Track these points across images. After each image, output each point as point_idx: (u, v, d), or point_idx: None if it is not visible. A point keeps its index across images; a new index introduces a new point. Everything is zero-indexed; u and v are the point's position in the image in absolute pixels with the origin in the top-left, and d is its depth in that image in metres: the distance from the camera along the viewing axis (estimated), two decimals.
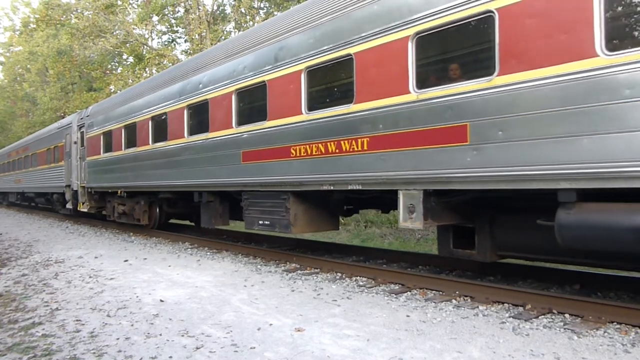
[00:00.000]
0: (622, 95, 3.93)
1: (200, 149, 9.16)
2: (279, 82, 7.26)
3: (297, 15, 7.27)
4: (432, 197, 5.54)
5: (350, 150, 6.22)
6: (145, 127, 11.29)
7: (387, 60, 5.73)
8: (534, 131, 4.46)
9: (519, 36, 4.56)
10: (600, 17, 4.04)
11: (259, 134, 7.67)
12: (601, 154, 4.06)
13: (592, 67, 4.09)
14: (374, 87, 5.91)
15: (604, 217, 4.20)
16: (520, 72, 4.55)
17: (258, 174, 7.76)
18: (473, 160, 4.92)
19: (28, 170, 22.96)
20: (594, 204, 4.34)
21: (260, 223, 7.85)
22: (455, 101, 5.05)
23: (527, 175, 4.55)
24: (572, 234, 4.39)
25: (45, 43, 36.65)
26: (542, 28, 4.41)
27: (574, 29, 4.19)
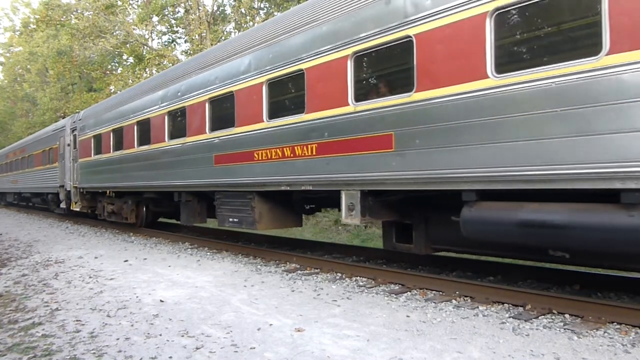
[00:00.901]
0: (507, 111, 4.67)
1: (178, 153, 9.94)
2: (245, 93, 7.97)
3: (260, 32, 8.02)
4: (369, 197, 6.26)
5: (303, 155, 6.93)
6: (131, 131, 12.06)
7: (331, 76, 6.48)
8: (441, 140, 5.22)
9: (431, 59, 5.33)
10: (491, 45, 4.82)
11: (229, 139, 8.40)
12: (494, 161, 4.78)
13: (484, 87, 4.84)
14: (321, 99, 6.63)
15: (495, 214, 4.92)
16: (431, 90, 5.31)
17: (228, 176, 8.47)
18: (397, 164, 5.67)
19: (25, 171, 23.63)
20: (489, 202, 5.04)
21: (231, 220, 8.56)
22: (384, 113, 5.81)
23: (437, 178, 5.29)
24: (472, 228, 5.11)
25: (45, 43, 36.67)
26: (447, 52, 5.17)
27: (470, 54, 4.96)
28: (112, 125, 13.26)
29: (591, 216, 4.27)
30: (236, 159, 8.23)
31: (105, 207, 14.47)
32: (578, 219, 4.32)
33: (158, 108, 10.74)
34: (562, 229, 4.40)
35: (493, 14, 4.79)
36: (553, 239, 4.59)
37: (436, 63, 5.26)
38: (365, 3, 6.04)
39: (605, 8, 4.11)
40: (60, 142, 17.77)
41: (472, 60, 4.92)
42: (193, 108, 9.39)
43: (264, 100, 7.59)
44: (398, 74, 5.91)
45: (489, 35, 4.82)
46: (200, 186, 9.37)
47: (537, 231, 4.57)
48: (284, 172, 7.25)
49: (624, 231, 4.04)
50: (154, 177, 10.94)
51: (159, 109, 10.68)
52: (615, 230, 4.10)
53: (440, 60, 5.22)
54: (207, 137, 8.96)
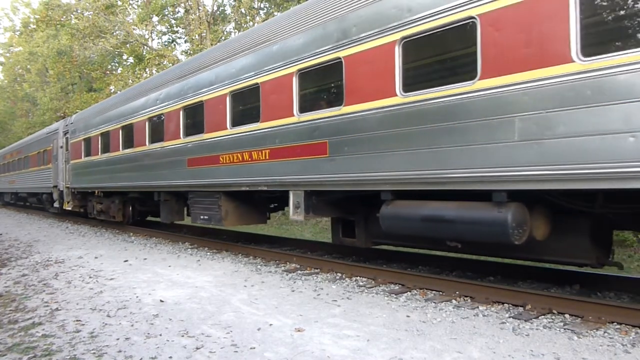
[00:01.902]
0: (413, 124, 5.50)
1: (158, 156, 10.79)
2: (213, 102, 8.79)
3: (225, 48, 8.92)
4: (313, 196, 7.07)
5: (259, 159, 7.72)
6: (117, 135, 12.94)
7: (281, 89, 7.25)
8: (364, 147, 6.00)
9: (357, 78, 6.11)
10: (399, 68, 5.64)
11: (199, 144, 9.25)
12: (405, 165, 5.56)
13: (395, 103, 5.66)
14: (273, 110, 7.42)
15: (405, 211, 5.73)
16: (356, 104, 6.09)
17: (198, 178, 9.30)
18: (331, 168, 6.45)
19: (21, 172, 24.42)
20: (402, 201, 5.85)
21: (202, 218, 9.39)
22: (320, 123, 6.61)
23: (362, 181, 6.08)
24: (388, 223, 5.93)
25: (45, 43, 36.64)
26: (368, 73, 5.96)
27: (384, 75, 5.75)
28: (100, 129, 14.12)
29: (472, 212, 5.10)
30: (205, 162, 9.05)
31: (95, 206, 15.25)
32: (464, 214, 5.15)
33: (140, 114, 11.60)
34: (453, 222, 5.22)
35: (401, 42, 5.61)
36: (447, 231, 5.36)
37: (360, 81, 6.08)
38: (307, 27, 6.89)
39: (479, 41, 4.90)
40: (53, 144, 18.54)
41: (386, 80, 5.74)
42: (170, 115, 10.25)
43: (227, 110, 8.43)
44: (332, 89, 6.69)
45: (397, 60, 5.65)
46: (176, 186, 10.20)
47: (436, 225, 5.41)
48: (245, 174, 8.06)
49: (495, 224, 4.84)
50: (137, 178, 11.76)
51: (141, 114, 11.53)
52: (489, 223, 4.91)
53: (363, 79, 6.05)
54: (182, 141, 9.83)
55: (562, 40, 4.26)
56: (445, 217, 5.28)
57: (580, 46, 4.18)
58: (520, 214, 4.81)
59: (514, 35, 4.61)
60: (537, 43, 4.44)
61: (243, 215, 8.97)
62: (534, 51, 4.47)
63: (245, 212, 8.99)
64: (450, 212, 5.25)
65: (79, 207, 16.62)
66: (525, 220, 4.85)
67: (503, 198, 4.85)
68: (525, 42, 4.52)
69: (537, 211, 5.05)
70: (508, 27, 4.65)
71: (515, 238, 4.76)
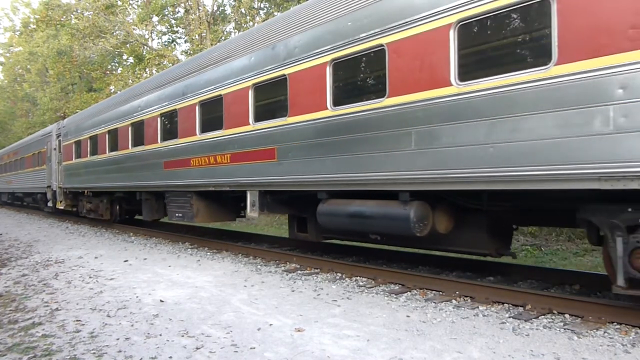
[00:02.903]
0: (340, 133, 6.33)
1: (139, 158, 11.69)
2: (185, 111, 9.72)
3: (195, 61, 9.94)
4: (267, 195, 7.93)
5: (222, 162, 8.54)
6: (103, 139, 13.89)
7: (240, 100, 8.11)
8: (304, 153, 6.85)
9: (298, 92, 6.99)
10: (330, 86, 6.50)
11: (173, 148, 10.18)
12: (336, 169, 6.38)
13: (326, 115, 6.53)
14: (233, 118, 8.30)
15: (336, 208, 6.63)
16: (297, 116, 6.97)
17: (173, 179, 10.19)
18: (279, 171, 7.30)
19: (18, 172, 25.28)
20: (333, 199, 6.74)
21: (176, 215, 10.30)
22: (270, 132, 7.48)
23: (303, 182, 6.95)
24: (324, 219, 6.83)
25: (45, 43, 36.62)
26: (307, 89, 6.82)
27: (318, 91, 6.60)
28: (89, 132, 15.09)
29: (385, 209, 5.95)
30: (179, 164, 9.99)
31: (85, 205, 16.24)
32: (378, 211, 6.02)
33: (124, 119, 12.57)
34: (371, 218, 6.09)
35: (331, 63, 6.48)
36: (368, 226, 6.23)
37: (301, 96, 6.93)
38: (260, 47, 7.78)
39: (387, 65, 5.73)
40: (47, 146, 19.46)
41: (320, 95, 6.58)
42: (149, 121, 11.22)
43: (197, 117, 9.34)
44: (279, 102, 7.41)
45: (328, 78, 6.49)
46: (155, 187, 11.10)
47: (359, 220, 6.28)
48: (211, 176, 8.91)
49: (401, 219, 5.67)
50: (122, 178, 12.72)
51: (125, 120, 12.51)
52: (397, 218, 5.74)
53: (303, 94, 6.89)
54: (159, 146, 10.78)
55: (444, 67, 5.14)
56: (365, 213, 6.20)
57: (457, 73, 5.07)
58: (421, 211, 5.66)
59: (411, 61, 5.47)
60: (428, 69, 5.31)
61: (213, 213, 9.81)
62: (425, 75, 5.33)
63: (215, 210, 9.83)
64: (369, 209, 6.17)
65: (70, 207, 17.53)
66: (426, 216, 5.70)
67: (407, 197, 5.73)
68: (420, 67, 5.39)
69: (439, 209, 5.89)
70: (407, 55, 5.51)
71: (417, 231, 5.61)
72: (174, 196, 10.35)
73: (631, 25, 3.93)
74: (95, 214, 15.47)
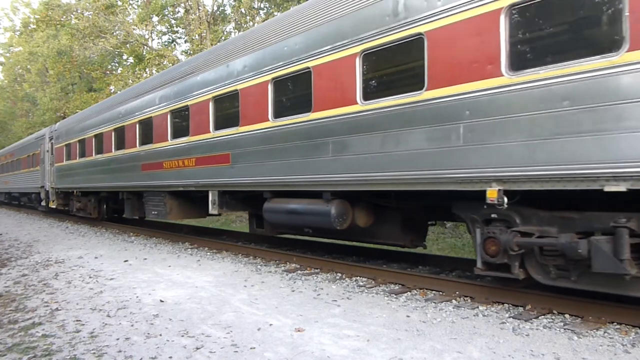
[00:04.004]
0: (279, 142, 7.29)
1: (120, 161, 12.75)
2: (158, 118, 10.80)
3: (168, 74, 11.00)
4: (226, 195, 8.95)
5: (189, 165, 9.58)
6: (90, 142, 14.98)
7: (202, 111, 9.15)
8: (252, 158, 7.83)
9: (247, 105, 7.96)
10: (271, 99, 7.44)
11: (149, 152, 11.21)
12: (276, 172, 7.35)
13: (268, 126, 7.53)
14: (197, 127, 9.31)
15: (277, 206, 7.61)
16: (247, 126, 7.97)
17: (150, 180, 11.17)
18: (232, 174, 8.29)
19: (14, 173, 26.44)
20: (276, 198, 7.70)
21: (153, 213, 11.29)
22: (226, 139, 8.48)
23: (251, 183, 7.93)
24: (268, 215, 7.82)
25: (45, 43, 36.58)
26: (253, 102, 7.81)
27: (263, 104, 7.61)
28: (78, 136, 16.13)
29: (312, 207, 6.97)
30: (154, 167, 10.96)
31: (75, 204, 17.20)
32: (308, 208, 7.04)
33: (108, 125, 13.67)
34: (303, 214, 7.12)
35: (272, 81, 7.44)
36: (301, 221, 7.30)
37: (249, 108, 7.90)
38: (218, 65, 8.82)
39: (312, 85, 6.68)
40: (41, 149, 20.52)
41: (263, 108, 7.55)
42: (129, 127, 12.29)
43: (168, 124, 10.33)
44: (234, 113, 8.31)
45: (270, 94, 7.47)
46: (134, 187, 12.08)
47: (294, 216, 7.30)
48: (180, 177, 9.90)
49: (324, 215, 6.67)
50: (106, 179, 13.74)
51: (109, 125, 13.59)
52: (321, 214, 6.74)
53: (250, 107, 7.86)
54: (137, 149, 11.78)
55: (352, 88, 6.13)
56: (297, 210, 7.22)
57: (362, 94, 6.06)
58: (340, 208, 6.62)
59: (329, 82, 6.47)
60: (341, 89, 6.29)
61: (185, 210, 10.80)
62: (339, 94, 6.31)
63: (186, 208, 10.80)
64: (300, 207, 7.20)
65: (62, 206, 18.52)
66: (345, 212, 6.66)
67: (328, 197, 6.73)
68: (335, 88, 6.38)
69: (359, 206, 6.83)
70: (326, 77, 6.52)
71: (337, 225, 6.58)
72: (151, 195, 11.32)
73: (472, 60, 4.91)
74: (84, 212, 16.40)
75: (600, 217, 4.40)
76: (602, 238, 4.30)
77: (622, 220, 4.19)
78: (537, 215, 4.91)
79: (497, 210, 4.95)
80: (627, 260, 4.15)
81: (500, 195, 4.76)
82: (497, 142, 4.73)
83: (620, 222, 4.20)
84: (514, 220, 4.98)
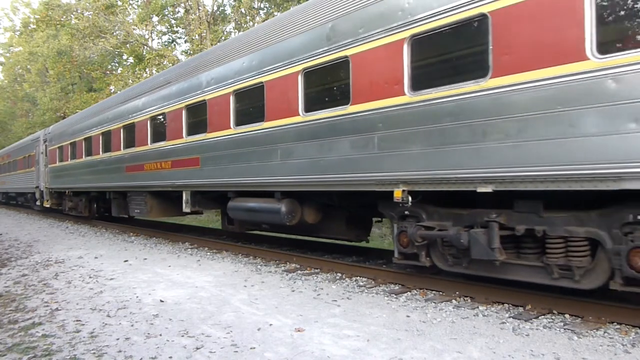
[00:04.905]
0: (239, 147, 8.13)
1: (107, 163, 13.69)
2: (141, 124, 11.66)
3: (149, 83, 11.99)
4: (198, 195, 9.94)
5: (166, 167, 10.44)
6: (80, 145, 15.90)
7: (177, 118, 10.04)
8: (218, 162, 8.67)
9: (213, 114, 8.82)
10: (233, 110, 8.35)
11: (132, 155, 12.09)
12: (238, 174, 8.19)
13: (229, 133, 8.42)
14: (172, 133, 10.22)
15: (238, 204, 8.51)
16: (213, 132, 8.82)
17: (133, 180, 12.04)
18: (202, 175, 9.16)
19: (11, 174, 27.41)
20: (238, 197, 8.62)
21: (136, 211, 12.15)
22: (197, 144, 9.32)
23: (218, 184, 8.78)
24: (231, 213, 8.72)
25: (45, 43, 36.57)
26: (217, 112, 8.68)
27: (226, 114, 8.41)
28: (70, 139, 17.03)
29: (267, 205, 7.77)
30: (136, 169, 11.82)
31: (67, 203, 18.17)
32: (263, 206, 7.86)
33: (96, 129, 14.58)
34: (259, 211, 7.96)
35: (233, 93, 8.30)
36: (258, 217, 8.16)
37: (214, 117, 8.79)
38: (189, 77, 9.73)
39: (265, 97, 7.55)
40: (36, 151, 21.46)
41: (226, 117, 8.43)
42: (114, 131, 13.17)
43: (148, 130, 11.27)
44: (202, 120, 9.16)
45: (232, 105, 8.32)
46: (119, 187, 13.00)
47: (252, 213, 8.19)
48: (159, 178, 10.75)
49: (275, 212, 7.49)
50: (95, 180, 14.61)
51: (97, 129, 14.49)
52: (273, 212, 7.56)
53: (215, 116, 8.75)
54: (121, 152, 12.70)
55: (295, 102, 6.99)
56: (255, 208, 8.04)
57: (303, 106, 6.90)
58: (290, 206, 7.42)
59: (278, 96, 7.33)
60: (287, 102, 7.13)
61: (164, 209, 11.59)
62: (286, 107, 7.16)
63: (166, 207, 11.57)
64: (257, 205, 8.02)
65: (56, 205, 19.45)
66: (294, 210, 7.46)
67: (279, 196, 7.57)
68: (282, 100, 7.24)
69: (307, 204, 7.59)
70: (276, 91, 7.38)
71: (287, 221, 7.38)
72: (134, 195, 12.24)
73: (385, 81, 5.73)
74: (76, 211, 17.34)
75: (480, 213, 5.18)
76: (479, 230, 5.07)
77: (493, 216, 4.99)
78: (438, 212, 5.73)
79: (409, 207, 5.84)
80: (497, 248, 4.91)
81: (405, 195, 5.62)
82: (403, 150, 5.56)
83: (491, 217, 5.00)
84: (421, 216, 5.84)
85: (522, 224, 4.87)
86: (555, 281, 4.81)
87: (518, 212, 4.92)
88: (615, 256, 4.30)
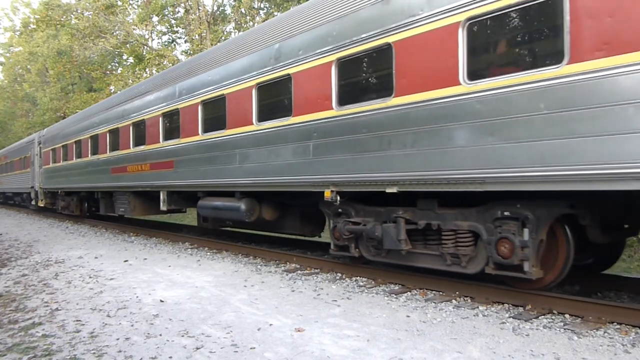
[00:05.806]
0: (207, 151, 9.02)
1: (95, 164, 14.62)
2: (124, 129, 12.60)
3: (130, 92, 12.88)
4: (174, 194, 10.86)
5: (145, 169, 11.35)
6: (71, 147, 16.94)
7: (154, 124, 11.00)
8: (190, 164, 9.56)
9: (185, 122, 9.74)
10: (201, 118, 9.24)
11: (117, 157, 13.04)
12: (207, 175, 8.99)
13: (198, 139, 9.36)
14: (150, 137, 11.17)
15: (206, 203, 9.33)
16: (185, 138, 9.73)
17: (117, 181, 13.02)
18: (176, 177, 10.09)
19: (8, 174, 28.32)
20: (207, 197, 9.45)
21: (120, 210, 13.06)
22: (172, 148, 10.25)
23: (190, 185, 9.66)
24: (201, 210, 9.62)
25: (45, 43, 36.58)
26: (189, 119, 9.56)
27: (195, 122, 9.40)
28: (61, 142, 18.00)
29: (229, 203, 8.53)
30: (120, 170, 12.76)
31: (60, 203, 19.02)
32: (226, 204, 8.62)
33: (85, 132, 15.53)
34: (223, 209, 8.77)
35: (202, 103, 9.20)
36: (223, 215, 8.97)
37: (186, 124, 9.71)
38: (165, 87, 10.65)
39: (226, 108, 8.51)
40: (31, 152, 22.42)
41: (196, 125, 9.34)
42: (101, 135, 14.14)
43: (130, 134, 12.16)
44: (176, 127, 10.07)
45: (200, 114, 9.25)
46: (106, 187, 13.96)
47: (218, 211, 9.01)
48: (139, 179, 11.63)
49: (236, 210, 8.26)
50: (84, 181, 15.49)
51: (86, 133, 15.43)
52: (234, 209, 8.32)
53: (186, 123, 9.67)
54: (107, 155, 13.65)
55: (250, 112, 7.87)
56: (219, 206, 8.88)
57: (256, 116, 7.81)
58: (248, 204, 8.18)
59: (237, 106, 8.18)
60: (244, 112, 8.00)
61: (146, 208, 12.39)
62: (243, 116, 8.04)
63: (147, 206, 12.36)
64: (220, 203, 8.84)
65: (50, 204, 20.30)
66: (253, 208, 8.22)
67: (239, 195, 8.39)
68: (240, 111, 8.11)
69: (265, 203, 8.34)
70: (235, 102, 8.26)
71: (246, 218, 8.15)
72: (119, 195, 13.14)
73: (318, 97, 6.65)
74: (68, 210, 18.15)
75: (392, 210, 6.07)
76: (390, 225, 5.97)
77: (400, 212, 5.94)
78: (364, 209, 6.54)
79: (340, 206, 6.72)
80: (403, 240, 5.85)
81: (334, 195, 6.52)
82: (332, 156, 6.42)
83: (399, 213, 5.95)
84: (351, 213, 6.67)
85: (422, 220, 5.77)
86: (449, 267, 5.68)
87: (420, 210, 5.84)
88: (488, 245, 5.17)
